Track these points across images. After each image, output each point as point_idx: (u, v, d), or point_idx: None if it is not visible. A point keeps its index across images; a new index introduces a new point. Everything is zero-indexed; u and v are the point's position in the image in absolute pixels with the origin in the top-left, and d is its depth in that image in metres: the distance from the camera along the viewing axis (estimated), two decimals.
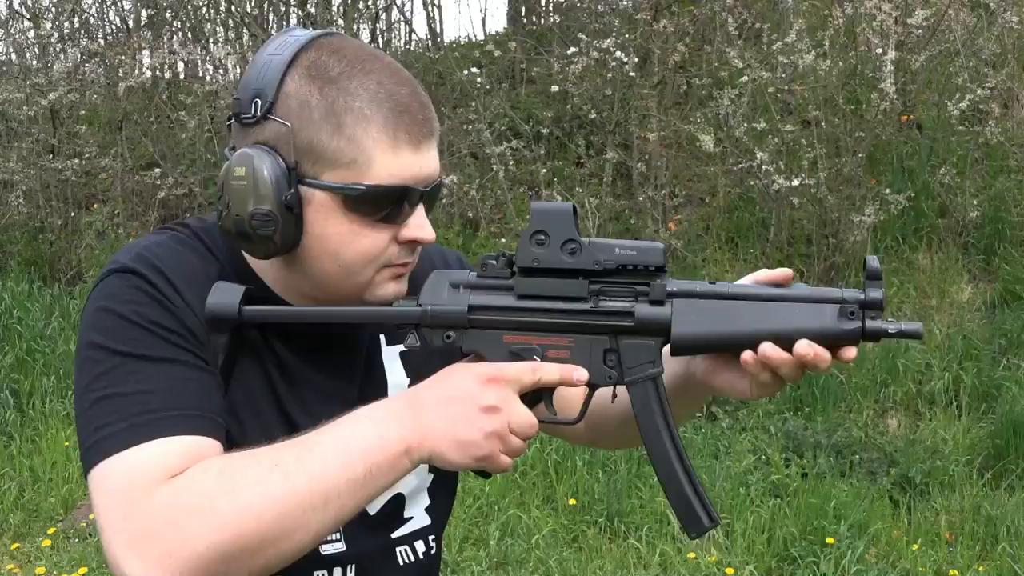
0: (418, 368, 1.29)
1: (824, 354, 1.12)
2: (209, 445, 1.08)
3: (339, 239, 1.14)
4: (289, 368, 1.22)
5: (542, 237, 1.13)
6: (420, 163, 1.14)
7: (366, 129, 1.11)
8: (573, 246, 1.13)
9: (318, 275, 1.17)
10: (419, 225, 1.17)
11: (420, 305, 1.16)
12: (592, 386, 1.16)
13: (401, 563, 1.30)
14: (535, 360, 1.13)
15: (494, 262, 1.16)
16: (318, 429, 1.08)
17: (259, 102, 1.13)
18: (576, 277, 1.13)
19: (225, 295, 1.14)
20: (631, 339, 1.14)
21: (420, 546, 1.32)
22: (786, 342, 1.12)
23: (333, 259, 1.15)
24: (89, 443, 1.07)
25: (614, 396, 1.19)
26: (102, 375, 1.09)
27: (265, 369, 1.20)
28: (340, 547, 1.23)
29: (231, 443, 1.13)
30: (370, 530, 1.26)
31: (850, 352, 1.13)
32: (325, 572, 1.23)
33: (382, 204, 1.13)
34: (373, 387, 1.27)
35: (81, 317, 1.16)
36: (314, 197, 1.13)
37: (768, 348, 1.11)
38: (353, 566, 1.25)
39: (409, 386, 1.30)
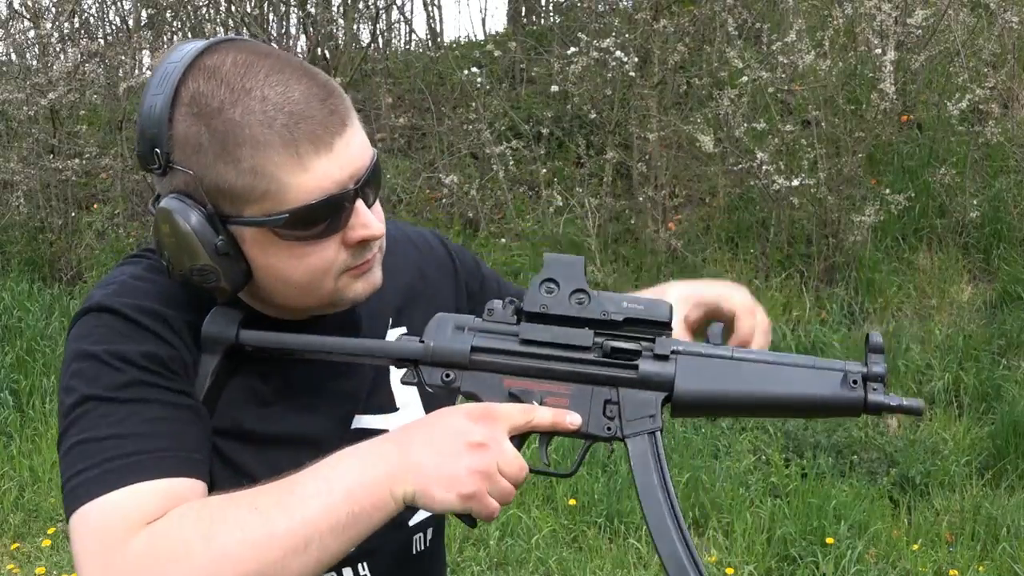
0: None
1: None
2: (188, 485, 1.06)
3: (284, 266, 1.10)
4: (288, 386, 1.20)
5: (552, 285, 1.14)
6: (339, 164, 1.07)
7: (266, 156, 1.05)
8: (582, 296, 1.13)
9: (279, 299, 1.16)
10: (362, 224, 1.11)
11: (423, 341, 1.15)
12: (589, 437, 1.15)
13: (415, 551, 1.29)
14: (533, 404, 1.12)
15: (500, 307, 1.16)
16: (304, 469, 1.05)
17: (158, 151, 1.07)
18: (582, 326, 1.13)
19: (221, 318, 1.13)
20: (632, 391, 1.13)
21: (430, 533, 1.32)
22: (790, 406, 1.13)
23: (286, 284, 1.12)
24: (66, 490, 1.05)
25: (611, 451, 1.19)
26: (76, 420, 1.06)
27: (259, 390, 1.18)
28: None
29: (231, 469, 1.12)
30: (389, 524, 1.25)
31: None
32: (333, 573, 1.22)
33: (313, 221, 1.08)
34: (381, 401, 1.27)
35: (64, 357, 1.13)
36: (245, 234, 1.09)
37: None
38: (366, 563, 1.24)
39: (420, 396, 1.29)
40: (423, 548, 1.31)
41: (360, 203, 1.11)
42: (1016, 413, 4.74)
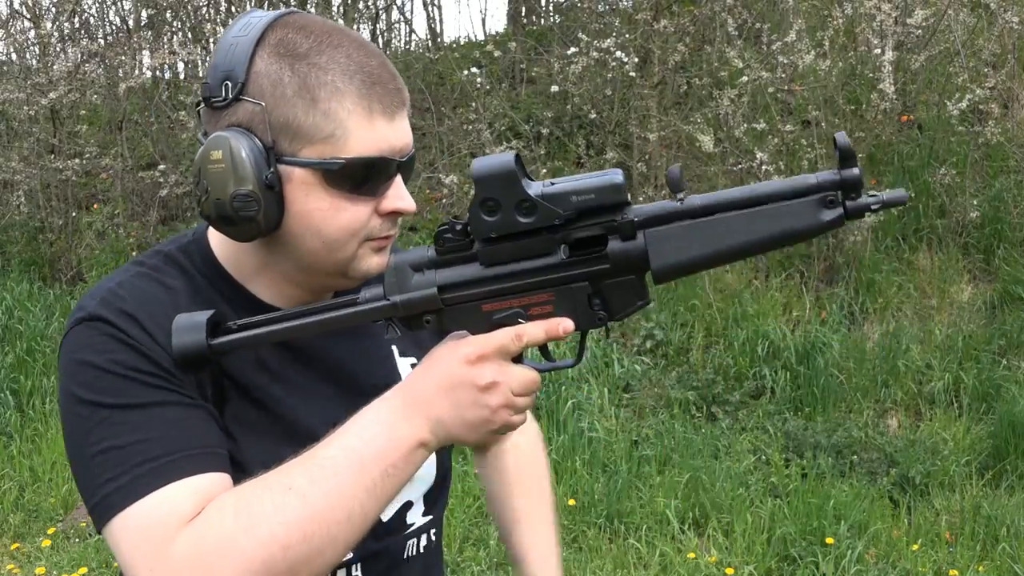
0: None
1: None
2: (216, 480, 1.08)
3: (321, 215, 1.13)
4: (287, 376, 1.21)
5: (492, 204, 1.07)
6: (395, 133, 1.14)
7: (340, 102, 1.11)
8: (527, 205, 1.06)
9: (301, 254, 1.17)
10: (398, 196, 1.17)
11: (388, 299, 1.12)
12: (584, 330, 1.13)
13: (405, 556, 1.30)
14: (520, 323, 1.11)
15: (450, 235, 1.12)
16: (323, 441, 1.08)
17: (229, 84, 1.11)
18: (539, 234, 1.09)
19: (188, 334, 1.10)
20: (612, 279, 1.10)
21: (424, 539, 1.33)
22: (771, 246, 1.09)
23: (316, 235, 1.14)
24: (95, 500, 1.07)
25: (607, 332, 1.17)
26: (93, 430, 1.08)
27: (262, 383, 1.19)
28: (347, 555, 1.22)
29: (235, 465, 1.13)
30: (377, 535, 1.25)
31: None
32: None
33: (361, 176, 1.13)
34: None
35: (59, 368, 1.14)
36: (293, 175, 1.12)
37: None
38: (358, 565, 1.24)
39: None
40: (416, 553, 1.32)
41: (399, 177, 1.17)
42: (1016, 413, 4.74)
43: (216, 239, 1.23)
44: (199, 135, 1.16)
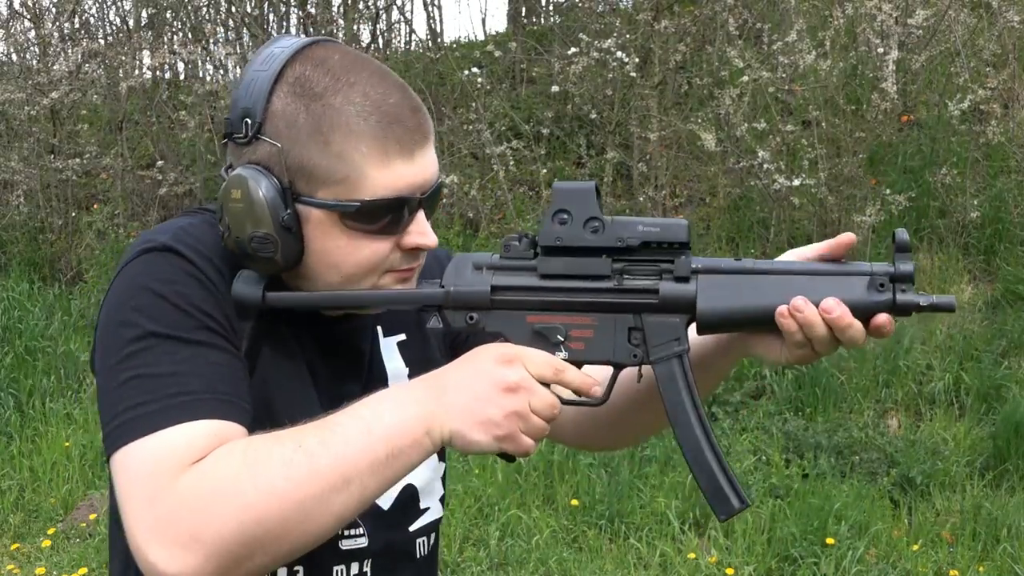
0: (416, 356, 1.30)
1: (849, 316, 1.08)
2: (236, 430, 1.09)
3: (339, 253, 1.15)
4: (306, 361, 1.23)
5: (564, 216, 1.12)
6: (414, 171, 1.14)
7: (355, 145, 1.11)
8: (596, 224, 1.12)
9: (322, 286, 1.18)
10: (420, 232, 1.17)
11: (443, 286, 1.15)
12: (617, 365, 1.15)
13: (418, 555, 1.31)
14: (559, 339, 1.13)
15: (516, 243, 1.15)
16: (340, 410, 1.09)
17: (248, 122, 1.13)
18: (599, 255, 1.12)
19: (250, 281, 1.14)
20: (656, 317, 1.13)
21: (432, 538, 1.34)
22: None
23: (335, 272, 1.16)
24: (117, 423, 1.07)
25: (639, 376, 1.17)
26: (135, 354, 1.08)
27: (289, 357, 1.21)
28: (363, 542, 1.24)
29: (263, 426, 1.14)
30: (388, 525, 1.26)
31: (881, 319, 1.08)
32: (343, 567, 1.23)
33: (379, 217, 1.13)
34: (375, 378, 1.29)
35: (111, 291, 1.14)
36: (311, 215, 1.13)
37: (800, 301, 1.09)
38: (369, 560, 1.25)
39: (409, 376, 1.31)
40: (425, 552, 1.33)
41: (421, 213, 1.17)
42: (1017, 414, 4.74)
43: None
44: (223, 169, 1.17)
